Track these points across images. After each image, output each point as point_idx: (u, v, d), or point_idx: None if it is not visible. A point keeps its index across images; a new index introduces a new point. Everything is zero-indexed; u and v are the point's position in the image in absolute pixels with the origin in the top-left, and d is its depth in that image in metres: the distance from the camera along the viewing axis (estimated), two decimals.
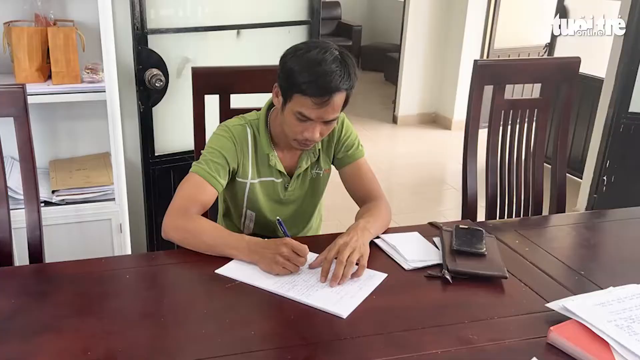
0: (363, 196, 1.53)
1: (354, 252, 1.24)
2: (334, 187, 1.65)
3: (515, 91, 4.32)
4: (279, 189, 1.52)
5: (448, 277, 1.25)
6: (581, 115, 3.91)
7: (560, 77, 1.80)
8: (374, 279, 1.24)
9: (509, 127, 1.80)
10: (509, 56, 5.03)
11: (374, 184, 1.55)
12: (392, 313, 1.14)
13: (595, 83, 3.66)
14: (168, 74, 2.22)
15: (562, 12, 4.04)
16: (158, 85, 2.15)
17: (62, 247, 1.99)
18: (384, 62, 7.09)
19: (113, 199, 2.06)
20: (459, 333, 1.08)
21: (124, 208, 2.07)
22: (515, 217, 1.84)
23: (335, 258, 1.24)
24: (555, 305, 1.12)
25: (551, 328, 1.05)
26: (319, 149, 1.52)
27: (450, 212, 3.67)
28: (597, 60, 3.55)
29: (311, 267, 1.27)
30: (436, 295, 1.22)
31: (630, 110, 3.05)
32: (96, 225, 2.06)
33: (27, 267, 1.38)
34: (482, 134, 1.77)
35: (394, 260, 1.33)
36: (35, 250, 1.42)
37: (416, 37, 5.27)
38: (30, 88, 1.65)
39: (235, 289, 1.19)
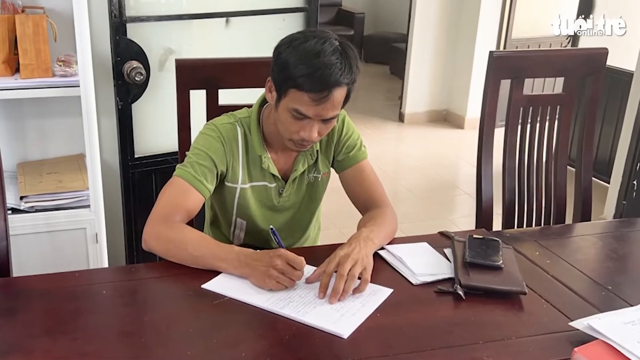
0: (366, 202, 1.54)
1: (356, 264, 1.24)
2: (334, 192, 1.66)
3: (535, 86, 4.34)
4: (273, 195, 1.53)
5: (460, 292, 1.25)
6: (609, 113, 3.92)
7: (585, 70, 1.81)
8: (378, 294, 1.25)
9: (529, 125, 1.80)
10: (528, 47, 5.05)
11: (378, 189, 1.55)
12: (399, 332, 1.14)
13: (624, 77, 3.67)
14: (149, 67, 2.22)
15: (587, 3, 4.06)
16: (138, 79, 2.16)
17: (32, 259, 1.99)
18: (389, 53, 7.11)
19: (88, 206, 2.06)
20: (473, 355, 1.08)
21: (100, 216, 2.07)
22: (535, 225, 1.85)
23: (335, 271, 1.24)
24: (579, 324, 1.12)
25: (575, 349, 1.05)
26: (317, 150, 1.53)
27: (463, 220, 3.68)
28: (627, 52, 3.56)
29: (308, 281, 1.27)
30: (447, 313, 1.22)
31: None
32: (69, 235, 2.06)
33: None
34: (499, 134, 1.77)
35: (401, 274, 1.33)
36: (2, 263, 1.42)
37: (425, 25, 5.29)
38: None
39: (224, 305, 1.19)
